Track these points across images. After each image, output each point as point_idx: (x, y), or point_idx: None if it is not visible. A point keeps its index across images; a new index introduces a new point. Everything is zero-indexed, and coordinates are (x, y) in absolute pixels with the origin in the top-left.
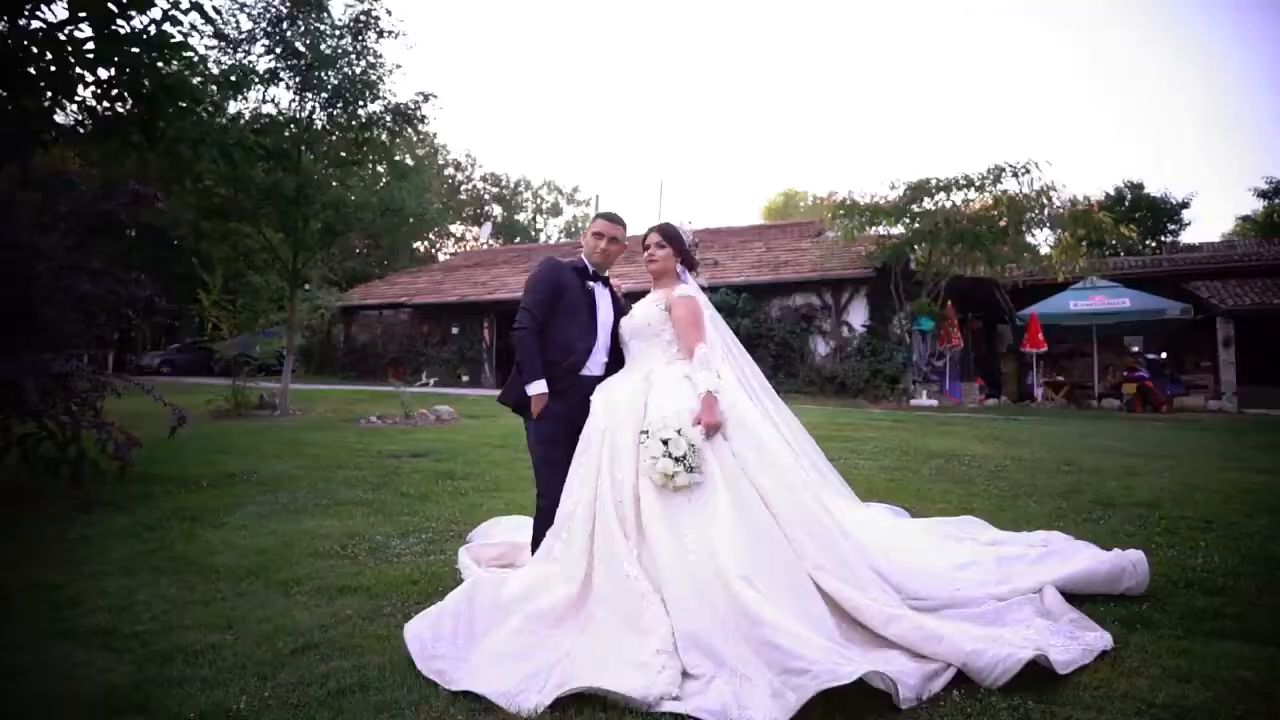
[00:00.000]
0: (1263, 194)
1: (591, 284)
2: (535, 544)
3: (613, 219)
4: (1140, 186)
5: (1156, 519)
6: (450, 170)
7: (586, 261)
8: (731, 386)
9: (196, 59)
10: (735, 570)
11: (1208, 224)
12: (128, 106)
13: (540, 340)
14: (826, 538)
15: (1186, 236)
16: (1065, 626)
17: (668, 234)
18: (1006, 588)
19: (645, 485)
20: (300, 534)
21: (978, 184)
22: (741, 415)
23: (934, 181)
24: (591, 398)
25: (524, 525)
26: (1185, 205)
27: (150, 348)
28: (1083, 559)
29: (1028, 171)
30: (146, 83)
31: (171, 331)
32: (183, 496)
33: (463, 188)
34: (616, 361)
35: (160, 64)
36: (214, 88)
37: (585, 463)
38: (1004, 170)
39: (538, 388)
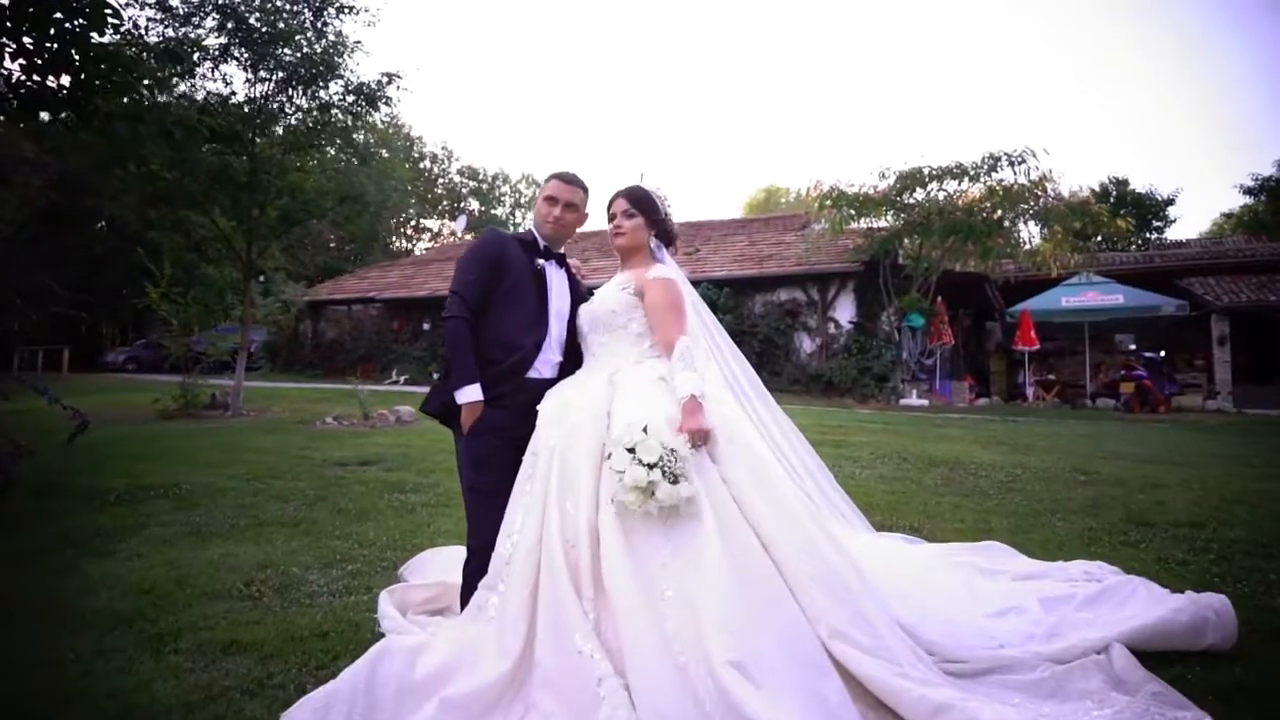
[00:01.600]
0: (1249, 190)
1: (542, 262)
2: (465, 597)
3: (569, 180)
4: (1125, 182)
5: (1204, 542)
6: (426, 163)
7: (537, 234)
8: (718, 390)
9: (132, 27)
10: (724, 653)
11: (1186, 221)
12: (59, 80)
13: (475, 332)
14: (843, 590)
15: (1172, 233)
16: (1150, 704)
17: (637, 199)
18: (1061, 645)
19: (608, 522)
20: (202, 565)
21: (972, 173)
22: (732, 429)
23: (927, 170)
24: (539, 406)
25: None
26: (1171, 201)
27: (117, 344)
28: (1142, 600)
29: (1023, 161)
30: (74, 53)
31: (139, 326)
32: (79, 516)
33: (439, 181)
34: (573, 361)
35: (93, 33)
36: (152, 59)
37: (529, 491)
38: (999, 159)
39: (469, 394)
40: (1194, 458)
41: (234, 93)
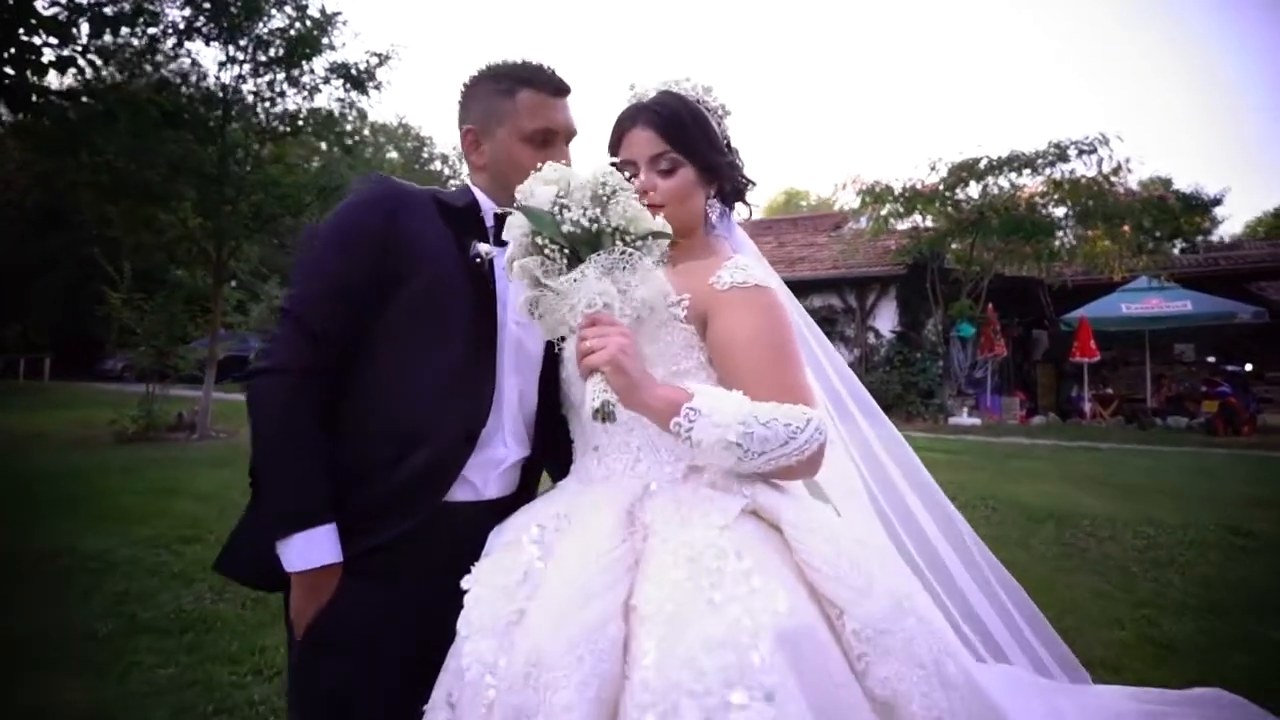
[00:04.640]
0: None
1: (490, 249)
2: None
3: (557, 87)
4: (1169, 181)
5: None
6: (436, 164)
7: (481, 195)
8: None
9: None
10: None
11: (1228, 223)
12: None
13: (329, 403)
14: None
15: (1218, 234)
16: None
17: (675, 124)
18: None
19: None
20: None
21: (1037, 165)
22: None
23: (984, 162)
24: (468, 579)
25: None
26: (1218, 201)
27: (116, 350)
28: None
29: (1094, 150)
30: None
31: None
32: None
33: (449, 182)
34: (556, 457)
35: None
36: (84, 23)
37: None
38: (1067, 148)
39: (308, 549)
40: None
41: (204, 74)
